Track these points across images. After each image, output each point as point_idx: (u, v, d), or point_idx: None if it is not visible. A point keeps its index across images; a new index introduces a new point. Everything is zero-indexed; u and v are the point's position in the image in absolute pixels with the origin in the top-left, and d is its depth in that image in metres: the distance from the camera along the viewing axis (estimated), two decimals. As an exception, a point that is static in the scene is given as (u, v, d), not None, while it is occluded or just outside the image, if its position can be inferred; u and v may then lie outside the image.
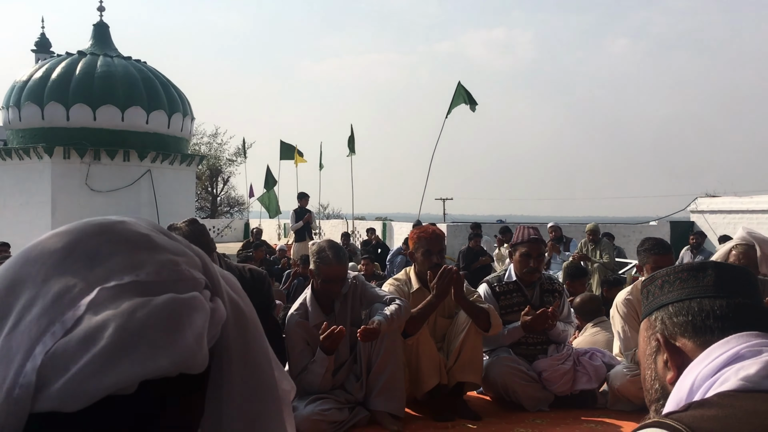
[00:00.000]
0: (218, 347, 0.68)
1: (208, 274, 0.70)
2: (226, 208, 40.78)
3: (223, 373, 0.68)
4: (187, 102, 20.29)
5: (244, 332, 0.70)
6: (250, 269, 3.86)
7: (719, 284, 1.21)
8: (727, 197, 17.16)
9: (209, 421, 0.68)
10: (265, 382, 0.71)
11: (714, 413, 1.01)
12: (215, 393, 0.68)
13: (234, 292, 0.73)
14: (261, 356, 0.72)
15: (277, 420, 0.70)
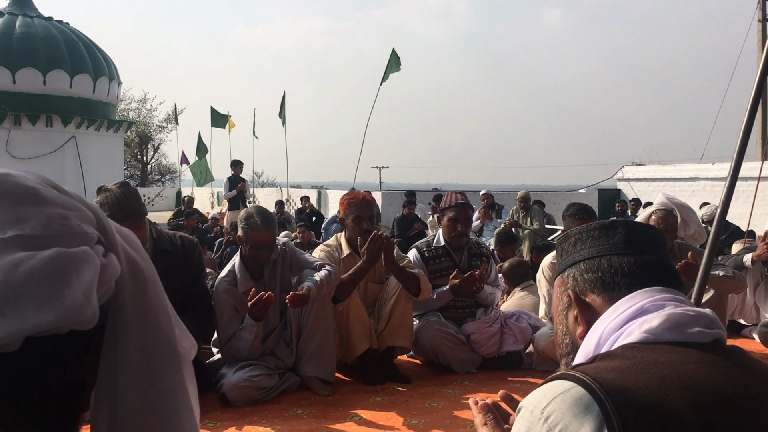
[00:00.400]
0: (113, 304, 0.66)
1: (102, 229, 0.68)
2: (157, 176, 39.77)
3: (118, 330, 0.66)
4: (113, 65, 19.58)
5: (141, 289, 0.68)
6: (180, 236, 3.79)
7: (628, 242, 1.25)
8: (652, 166, 17.78)
9: (105, 377, 0.66)
10: (164, 340, 0.69)
11: (617, 364, 1.05)
12: (111, 350, 0.66)
13: (132, 249, 0.70)
14: (160, 313, 0.70)
15: (176, 378, 0.69)
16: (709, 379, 1.01)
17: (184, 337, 0.74)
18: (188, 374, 0.73)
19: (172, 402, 0.67)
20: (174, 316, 0.72)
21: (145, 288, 0.69)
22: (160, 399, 0.66)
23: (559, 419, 0.99)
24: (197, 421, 0.73)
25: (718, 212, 3.63)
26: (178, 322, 0.73)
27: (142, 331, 0.66)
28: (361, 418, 3.25)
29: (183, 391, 0.69)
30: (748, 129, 3.58)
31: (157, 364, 0.67)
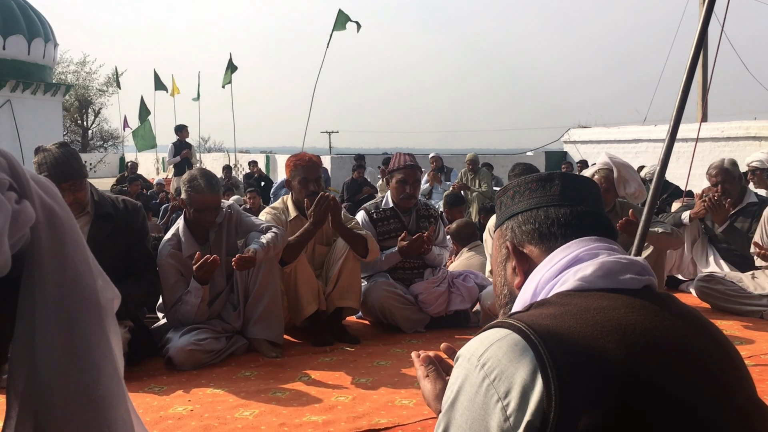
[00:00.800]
0: (29, 252, 0.64)
1: (16, 176, 0.65)
2: (99, 141, 38.65)
3: (35, 278, 0.64)
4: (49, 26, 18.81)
5: (59, 237, 0.66)
6: (124, 200, 3.70)
7: (565, 194, 1.27)
8: (597, 128, 18.09)
9: (22, 328, 0.63)
10: (84, 289, 0.67)
11: (551, 311, 1.07)
12: (27, 299, 0.64)
13: (49, 197, 0.68)
14: (80, 263, 0.68)
15: (97, 328, 0.67)
16: (638, 323, 1.04)
17: (107, 288, 0.72)
18: (111, 325, 0.71)
19: (92, 352, 0.66)
20: (96, 266, 0.70)
21: (63, 237, 0.66)
22: (80, 350, 0.65)
23: (495, 365, 1.01)
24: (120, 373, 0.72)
25: (657, 171, 3.72)
26: (101, 273, 0.71)
27: (60, 280, 0.64)
28: (310, 378, 3.26)
29: (105, 341, 0.68)
30: (686, 91, 3.66)
31: (76, 314, 0.65)
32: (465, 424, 1.03)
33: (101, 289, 0.70)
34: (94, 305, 0.68)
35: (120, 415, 0.69)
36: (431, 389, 1.39)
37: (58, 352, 0.64)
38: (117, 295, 0.75)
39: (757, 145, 13.03)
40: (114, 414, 0.68)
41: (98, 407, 0.66)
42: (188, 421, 2.72)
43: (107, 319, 0.70)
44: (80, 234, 0.70)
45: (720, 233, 4.95)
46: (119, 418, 0.68)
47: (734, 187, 4.92)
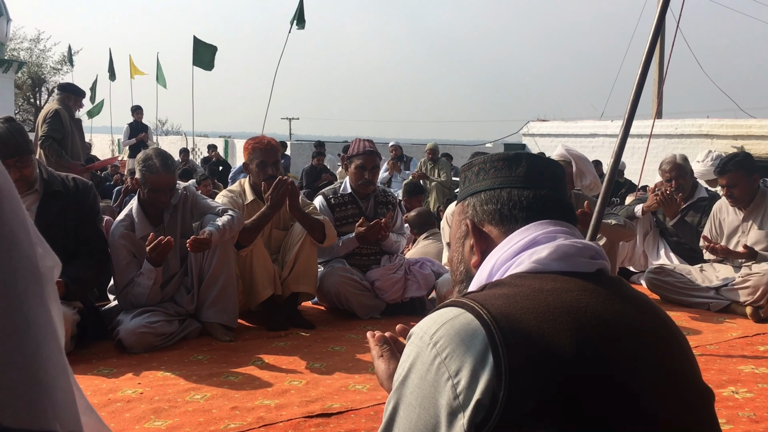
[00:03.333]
0: None
1: None
2: (52, 121, 37.59)
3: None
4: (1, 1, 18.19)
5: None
6: (74, 178, 3.60)
7: (529, 176, 1.27)
8: (556, 122, 18.31)
9: None
10: (22, 257, 0.64)
11: (505, 291, 1.07)
12: None
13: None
14: (18, 229, 0.65)
15: (36, 297, 0.64)
16: (590, 306, 1.05)
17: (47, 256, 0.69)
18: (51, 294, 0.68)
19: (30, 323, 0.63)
20: (35, 232, 0.68)
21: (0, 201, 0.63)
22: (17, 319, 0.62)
23: (446, 344, 1.01)
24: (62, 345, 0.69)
25: (610, 164, 3.78)
26: (40, 240, 0.69)
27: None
28: (264, 362, 3.24)
29: (44, 310, 0.65)
30: (640, 87, 3.72)
31: (13, 282, 0.62)
32: (415, 401, 1.03)
33: (40, 256, 0.67)
34: (33, 273, 0.65)
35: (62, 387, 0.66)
36: (385, 369, 1.38)
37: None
38: (57, 263, 0.72)
39: (709, 143, 13.36)
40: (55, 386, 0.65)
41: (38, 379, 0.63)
42: (138, 404, 2.67)
43: (47, 288, 0.68)
44: (18, 198, 0.66)
45: (671, 227, 5.06)
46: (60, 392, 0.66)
47: (686, 181, 5.03)
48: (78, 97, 6.96)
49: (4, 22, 18.34)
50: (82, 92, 7.06)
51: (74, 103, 6.88)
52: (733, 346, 3.58)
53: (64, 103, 6.75)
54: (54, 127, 6.42)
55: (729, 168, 4.39)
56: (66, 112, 6.65)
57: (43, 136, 6.41)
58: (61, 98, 6.86)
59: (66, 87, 7.02)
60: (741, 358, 3.34)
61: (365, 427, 2.44)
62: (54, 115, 6.49)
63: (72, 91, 6.95)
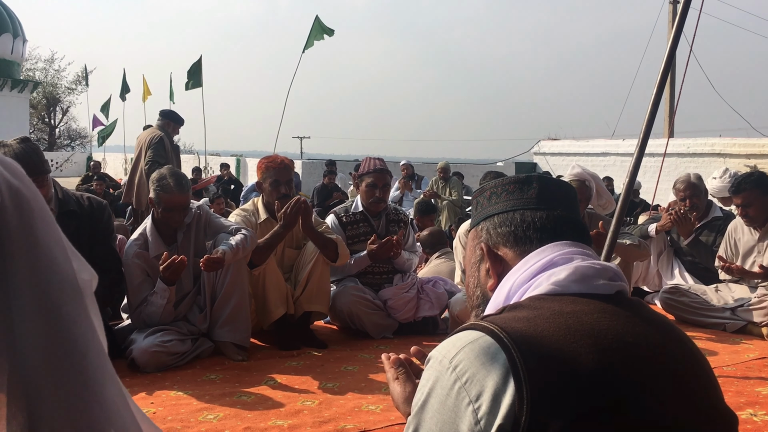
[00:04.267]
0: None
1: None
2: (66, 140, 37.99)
3: (5, 263, 0.61)
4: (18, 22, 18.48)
5: (27, 220, 0.63)
6: (89, 197, 3.63)
7: (542, 197, 1.27)
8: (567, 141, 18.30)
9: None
10: (60, 272, 0.65)
11: (524, 314, 1.06)
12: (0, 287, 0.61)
13: (15, 178, 0.65)
14: (53, 245, 0.65)
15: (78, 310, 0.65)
16: (611, 328, 1.04)
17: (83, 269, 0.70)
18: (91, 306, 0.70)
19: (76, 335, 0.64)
20: (70, 247, 0.68)
21: (32, 219, 0.64)
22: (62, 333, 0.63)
23: (467, 368, 1.00)
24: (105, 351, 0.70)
25: (625, 184, 3.77)
26: (75, 254, 0.69)
27: (33, 264, 0.62)
28: (276, 382, 3.22)
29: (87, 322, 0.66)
30: (655, 107, 3.72)
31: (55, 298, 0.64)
32: (435, 427, 1.01)
33: (77, 270, 0.68)
34: (73, 287, 0.66)
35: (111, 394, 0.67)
36: (401, 392, 1.37)
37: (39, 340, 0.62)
38: (94, 276, 0.74)
39: (721, 162, 13.30)
40: (105, 393, 0.66)
41: (88, 388, 0.64)
42: (150, 423, 2.66)
43: (87, 300, 0.69)
44: (51, 215, 0.68)
45: (685, 246, 5.03)
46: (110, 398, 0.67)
47: (700, 201, 5.00)
48: (176, 124, 7.23)
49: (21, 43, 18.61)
50: (181, 120, 7.30)
51: (173, 130, 7.16)
52: (750, 367, 3.53)
53: (164, 129, 7.04)
54: (158, 153, 6.73)
55: (744, 187, 4.36)
56: (167, 137, 6.96)
57: (149, 161, 6.70)
58: (161, 125, 7.12)
59: (167, 114, 7.24)
60: (759, 380, 3.29)
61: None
62: (159, 141, 6.81)
63: (172, 118, 7.21)
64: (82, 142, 37.43)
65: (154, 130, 6.96)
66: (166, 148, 6.80)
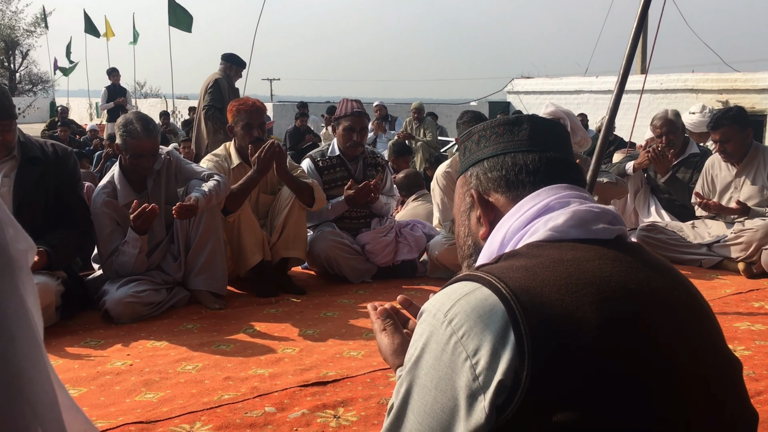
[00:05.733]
0: None
1: None
2: (27, 85, 36.83)
3: None
4: (-32, -40, 17.57)
5: None
6: (53, 144, 3.47)
7: (533, 139, 1.19)
8: (540, 79, 18.15)
9: None
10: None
11: (522, 263, 1.00)
12: None
13: None
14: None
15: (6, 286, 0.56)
16: (613, 275, 0.98)
17: (19, 238, 0.60)
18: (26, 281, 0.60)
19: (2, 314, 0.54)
20: (5, 213, 0.59)
21: None
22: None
23: (463, 321, 0.94)
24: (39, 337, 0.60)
25: (605, 121, 3.71)
26: (11, 220, 0.60)
27: None
28: (255, 330, 3.18)
29: (18, 301, 0.56)
30: (635, 42, 3.64)
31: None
32: (430, 383, 0.96)
33: (11, 239, 0.58)
34: (3, 258, 0.56)
35: (40, 387, 0.58)
36: (389, 343, 1.31)
37: None
38: (31, 246, 0.64)
39: (694, 98, 13.31)
40: (33, 387, 0.57)
41: (14, 381, 0.55)
42: (128, 376, 2.61)
43: (20, 275, 0.59)
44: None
45: (662, 183, 5.02)
46: (39, 391, 0.58)
47: (678, 138, 4.97)
48: (239, 67, 7.03)
49: (-27, -17, 17.74)
50: (243, 62, 7.11)
51: (234, 73, 6.99)
52: (727, 303, 3.56)
53: (226, 73, 6.89)
54: (215, 97, 6.63)
55: (723, 122, 4.33)
56: (226, 82, 6.81)
57: (207, 105, 6.65)
58: (223, 68, 6.94)
59: (228, 57, 7.03)
60: (736, 315, 3.33)
61: (362, 395, 2.39)
62: (214, 85, 6.69)
63: (233, 61, 7.00)
64: (44, 86, 36.31)
65: (214, 75, 6.83)
66: (223, 91, 6.66)
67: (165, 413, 2.24)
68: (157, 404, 2.33)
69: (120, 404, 2.36)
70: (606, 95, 15.07)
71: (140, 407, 2.31)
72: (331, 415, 2.24)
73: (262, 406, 2.29)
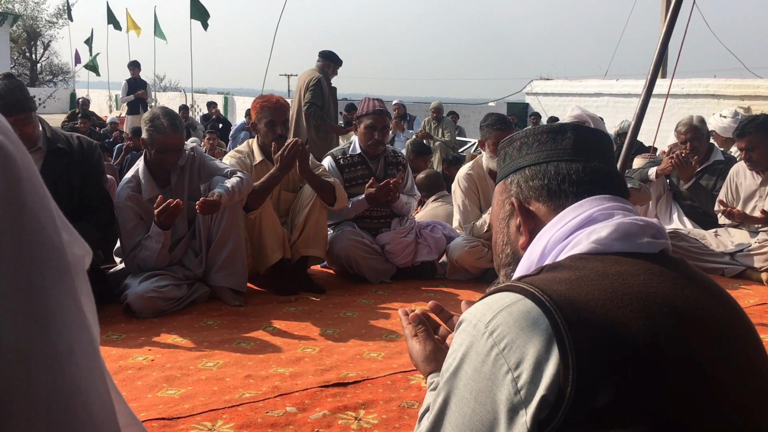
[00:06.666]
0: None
1: None
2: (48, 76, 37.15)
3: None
4: (-6, -49, 17.75)
5: (14, 182, 0.53)
6: (78, 137, 3.50)
7: (577, 148, 1.17)
8: (560, 81, 18.05)
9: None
10: (47, 244, 0.54)
11: (566, 275, 0.98)
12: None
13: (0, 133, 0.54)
14: (41, 213, 0.55)
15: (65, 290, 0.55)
16: (659, 291, 0.96)
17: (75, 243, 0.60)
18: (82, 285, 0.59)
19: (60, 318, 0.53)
20: (60, 217, 0.58)
21: (19, 181, 0.53)
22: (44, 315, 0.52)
23: (504, 334, 0.93)
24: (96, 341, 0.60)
25: (631, 127, 3.67)
26: (66, 225, 0.59)
27: (18, 235, 0.52)
28: (275, 328, 3.18)
29: (75, 305, 0.56)
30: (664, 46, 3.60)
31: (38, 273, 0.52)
32: (469, 395, 0.95)
33: (68, 243, 0.58)
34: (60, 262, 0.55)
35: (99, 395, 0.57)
36: (420, 350, 1.30)
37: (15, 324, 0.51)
38: (88, 252, 0.63)
39: (715, 103, 13.18)
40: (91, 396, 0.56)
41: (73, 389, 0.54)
42: (149, 371, 2.62)
43: (77, 279, 0.58)
44: (40, 179, 0.57)
45: (685, 190, 4.97)
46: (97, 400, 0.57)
47: (702, 144, 4.92)
48: (336, 65, 7.09)
49: (-2, -26, 17.92)
50: (340, 60, 7.15)
51: (332, 71, 7.04)
52: (751, 313, 3.51)
53: (324, 71, 6.95)
54: (316, 94, 6.72)
55: (749, 130, 4.28)
56: (325, 79, 6.89)
57: (308, 102, 6.72)
58: (321, 66, 6.99)
59: (327, 55, 7.08)
60: (760, 326, 3.28)
61: (383, 397, 2.38)
62: (316, 83, 6.76)
63: (332, 59, 7.04)
64: (64, 77, 36.61)
65: (313, 72, 6.86)
66: (324, 90, 6.74)
67: (187, 410, 2.25)
68: (179, 401, 2.34)
69: (142, 400, 2.36)
70: (626, 99, 14.97)
71: (162, 403, 2.32)
72: (352, 417, 2.23)
73: (283, 405, 2.29)
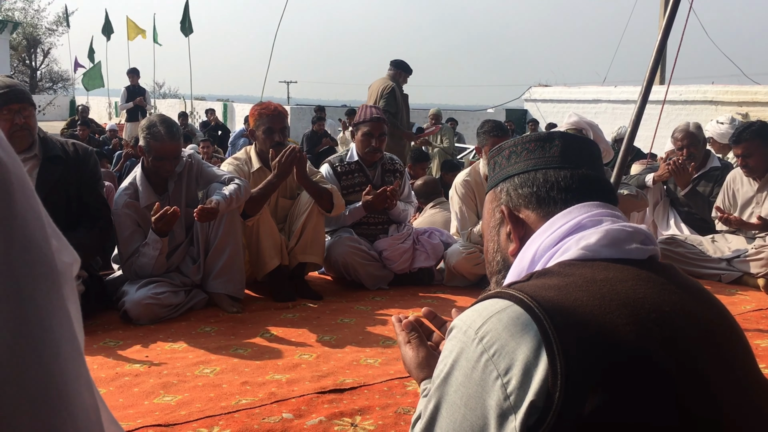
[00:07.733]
0: None
1: None
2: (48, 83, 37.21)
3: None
4: (-7, -41, 17.81)
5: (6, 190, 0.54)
6: (74, 143, 3.51)
7: (565, 155, 1.19)
8: (558, 87, 18.10)
9: None
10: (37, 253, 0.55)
11: (555, 282, 0.99)
12: None
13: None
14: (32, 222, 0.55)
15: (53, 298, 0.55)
16: (647, 297, 0.97)
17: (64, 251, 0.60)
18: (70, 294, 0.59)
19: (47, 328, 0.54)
20: (50, 225, 0.58)
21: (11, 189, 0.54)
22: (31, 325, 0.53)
23: (494, 340, 0.94)
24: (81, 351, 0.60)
25: (627, 133, 3.68)
26: (56, 233, 0.60)
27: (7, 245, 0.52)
28: (272, 334, 3.18)
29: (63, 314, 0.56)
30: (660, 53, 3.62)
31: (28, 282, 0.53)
32: (459, 401, 0.96)
33: (57, 251, 0.58)
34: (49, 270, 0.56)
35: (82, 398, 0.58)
36: (413, 356, 1.31)
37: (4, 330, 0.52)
38: (76, 259, 0.63)
39: (713, 110, 13.21)
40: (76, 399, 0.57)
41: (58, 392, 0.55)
42: (146, 378, 2.62)
43: (66, 287, 0.59)
44: (31, 186, 0.57)
45: (682, 196, 4.98)
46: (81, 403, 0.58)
47: (699, 151, 4.93)
48: (406, 73, 7.26)
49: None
50: (410, 70, 7.31)
51: (403, 79, 7.23)
52: (747, 319, 3.53)
53: (395, 79, 7.11)
54: (389, 102, 6.91)
55: (745, 137, 4.30)
56: (397, 87, 7.06)
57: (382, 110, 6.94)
58: (392, 74, 7.15)
59: (398, 64, 7.23)
60: (757, 332, 3.29)
61: (379, 404, 2.39)
62: (390, 92, 6.94)
63: (403, 68, 7.21)
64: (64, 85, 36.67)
65: (386, 80, 6.99)
66: (397, 98, 6.88)
67: (183, 416, 2.25)
68: (176, 407, 2.34)
69: (138, 406, 2.37)
70: (624, 105, 15.00)
71: (159, 410, 2.32)
72: (349, 423, 2.23)
73: (280, 412, 2.29)
